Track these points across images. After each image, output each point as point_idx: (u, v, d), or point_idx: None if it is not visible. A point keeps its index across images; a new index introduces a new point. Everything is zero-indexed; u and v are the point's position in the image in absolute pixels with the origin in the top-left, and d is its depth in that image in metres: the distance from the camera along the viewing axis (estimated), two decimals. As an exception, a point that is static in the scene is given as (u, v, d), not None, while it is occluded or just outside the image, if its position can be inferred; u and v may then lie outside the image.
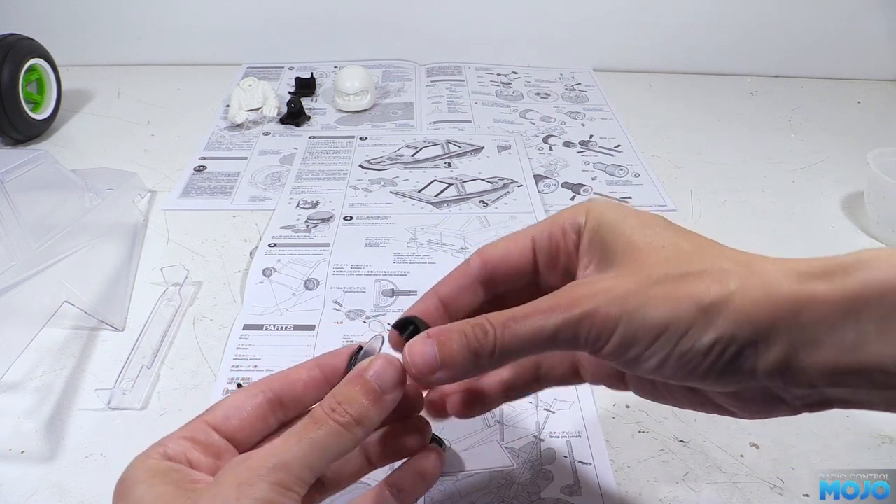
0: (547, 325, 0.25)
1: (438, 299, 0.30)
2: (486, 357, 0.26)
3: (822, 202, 0.66)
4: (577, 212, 0.28)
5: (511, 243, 0.30)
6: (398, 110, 0.82)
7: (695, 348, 0.24)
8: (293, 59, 0.94)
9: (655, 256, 0.25)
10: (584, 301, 0.25)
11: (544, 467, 0.39)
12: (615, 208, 0.28)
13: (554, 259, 0.29)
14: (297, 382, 0.30)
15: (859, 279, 0.22)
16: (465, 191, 0.65)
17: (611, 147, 0.75)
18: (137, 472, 0.26)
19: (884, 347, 0.22)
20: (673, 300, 0.24)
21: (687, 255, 0.25)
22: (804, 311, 0.22)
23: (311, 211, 0.62)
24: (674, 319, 0.24)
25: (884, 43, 0.91)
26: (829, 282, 0.22)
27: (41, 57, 0.74)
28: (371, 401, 0.26)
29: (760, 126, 0.80)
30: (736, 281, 0.23)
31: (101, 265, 0.53)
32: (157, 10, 0.90)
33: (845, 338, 0.22)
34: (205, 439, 0.27)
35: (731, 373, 0.24)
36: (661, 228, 0.26)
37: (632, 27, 0.92)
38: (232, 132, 0.76)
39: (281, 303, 0.51)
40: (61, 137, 0.76)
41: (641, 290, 0.24)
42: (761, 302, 0.23)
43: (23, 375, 0.45)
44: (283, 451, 0.25)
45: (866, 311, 0.22)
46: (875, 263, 0.22)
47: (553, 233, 0.29)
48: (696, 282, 0.24)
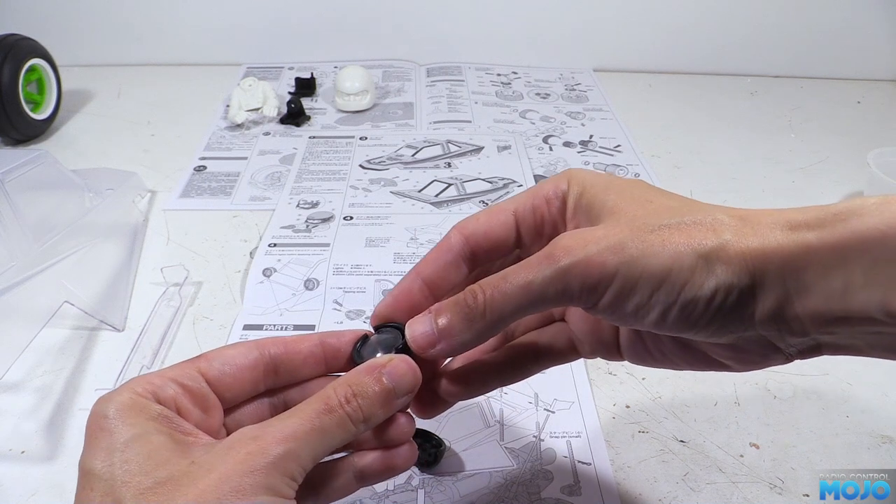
0: (535, 279, 0.24)
1: (422, 280, 0.29)
2: (478, 320, 0.25)
3: (822, 202, 0.66)
4: (558, 180, 0.28)
5: (492, 217, 0.29)
6: (398, 110, 0.82)
7: (697, 296, 0.23)
8: (293, 59, 0.94)
9: (645, 209, 0.25)
10: (575, 250, 0.24)
11: (544, 467, 0.39)
12: (595, 174, 0.28)
13: (539, 230, 0.29)
14: (297, 354, 0.29)
15: (847, 229, 0.22)
16: (465, 191, 0.65)
17: (611, 147, 0.75)
18: (124, 409, 0.23)
19: (869, 295, 0.22)
20: (672, 248, 0.23)
21: (677, 208, 0.25)
22: (796, 259, 0.23)
23: (311, 211, 0.62)
24: (675, 267, 0.23)
25: (884, 43, 0.91)
26: (819, 231, 0.22)
27: (41, 57, 0.74)
28: (382, 401, 0.26)
29: (760, 126, 0.80)
30: (730, 230, 0.23)
31: (101, 265, 0.53)
32: (157, 10, 0.90)
33: (834, 286, 0.22)
34: (197, 388, 0.26)
35: (731, 321, 0.24)
36: (646, 188, 0.27)
37: (632, 27, 0.92)
38: (232, 132, 0.76)
39: (281, 303, 0.51)
40: (61, 137, 0.76)
41: (638, 237, 0.24)
42: (756, 251, 0.23)
43: (23, 375, 0.45)
44: (295, 437, 0.23)
45: (853, 259, 0.22)
46: (863, 212, 0.22)
47: (536, 204, 0.28)
48: (692, 231, 0.24)
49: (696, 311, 0.23)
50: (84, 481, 0.22)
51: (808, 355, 0.25)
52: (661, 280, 0.23)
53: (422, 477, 0.38)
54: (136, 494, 0.21)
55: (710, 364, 0.27)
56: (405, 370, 0.27)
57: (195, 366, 0.26)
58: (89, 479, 0.22)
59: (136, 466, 0.22)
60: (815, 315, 0.23)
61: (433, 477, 0.38)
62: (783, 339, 0.24)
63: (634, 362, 0.30)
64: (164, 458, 0.22)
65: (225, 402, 0.27)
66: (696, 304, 0.23)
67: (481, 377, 0.31)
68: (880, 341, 0.23)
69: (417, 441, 0.37)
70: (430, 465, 0.38)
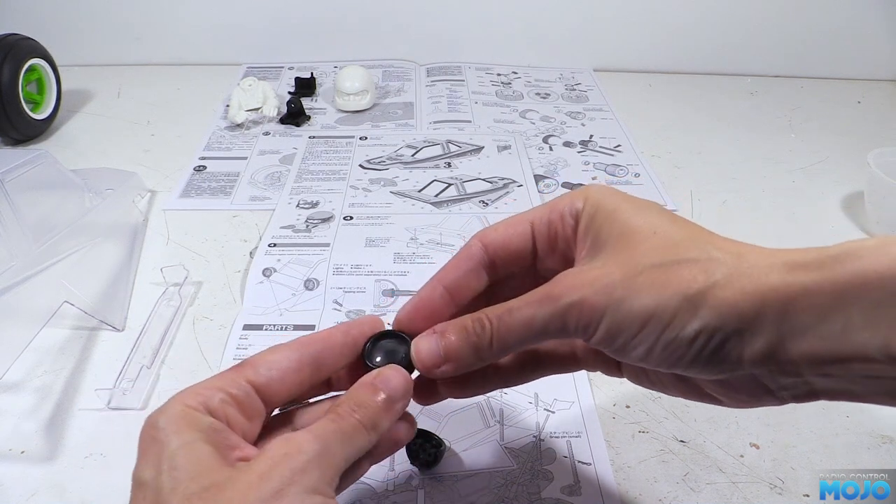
0: (537, 316, 0.26)
1: (443, 287, 0.30)
2: (486, 349, 0.27)
3: (822, 202, 0.66)
4: (574, 198, 0.29)
5: (511, 228, 0.30)
6: (398, 110, 0.82)
7: (679, 337, 0.24)
8: (293, 59, 0.94)
9: (646, 244, 0.25)
10: (572, 291, 0.25)
11: (544, 467, 0.39)
12: (612, 194, 0.28)
13: (553, 244, 0.30)
14: (333, 348, 0.29)
15: (846, 271, 0.22)
16: (465, 191, 0.65)
17: (611, 147, 0.75)
18: (175, 420, 0.24)
19: (869, 336, 0.22)
20: (658, 289, 0.24)
21: (677, 243, 0.25)
22: (792, 301, 0.23)
23: (311, 211, 0.62)
24: (658, 309, 0.24)
25: (884, 43, 0.91)
26: (817, 272, 0.23)
27: (41, 57, 0.74)
28: (383, 409, 0.27)
29: (760, 126, 0.80)
30: (723, 269, 0.24)
31: (101, 265, 0.53)
32: (156, 9, 0.90)
33: (833, 328, 0.22)
34: (245, 399, 0.26)
35: (716, 361, 0.24)
36: (655, 215, 0.27)
37: (632, 27, 0.92)
38: (232, 132, 0.76)
39: (281, 303, 0.51)
40: (61, 137, 0.76)
41: (627, 279, 0.25)
42: (748, 291, 0.23)
43: (23, 375, 0.45)
44: (325, 437, 0.25)
45: (852, 302, 0.22)
46: (861, 253, 0.22)
47: (552, 219, 0.29)
48: (682, 270, 0.24)
49: (678, 350, 0.24)
50: (136, 491, 0.23)
51: (802, 400, 0.25)
52: (644, 321, 0.24)
53: (422, 477, 0.38)
54: (182, 500, 0.22)
55: (702, 396, 0.28)
56: (398, 382, 0.28)
57: (242, 374, 0.27)
58: (141, 488, 0.23)
59: (183, 474, 0.23)
60: (811, 356, 0.23)
61: (433, 477, 0.38)
62: (775, 381, 0.25)
63: (632, 382, 0.31)
64: (210, 466, 0.23)
65: (270, 406, 0.28)
66: (679, 345, 0.24)
67: (482, 379, 0.32)
68: (879, 386, 0.23)
69: (418, 441, 0.38)
70: (430, 465, 0.38)
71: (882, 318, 0.22)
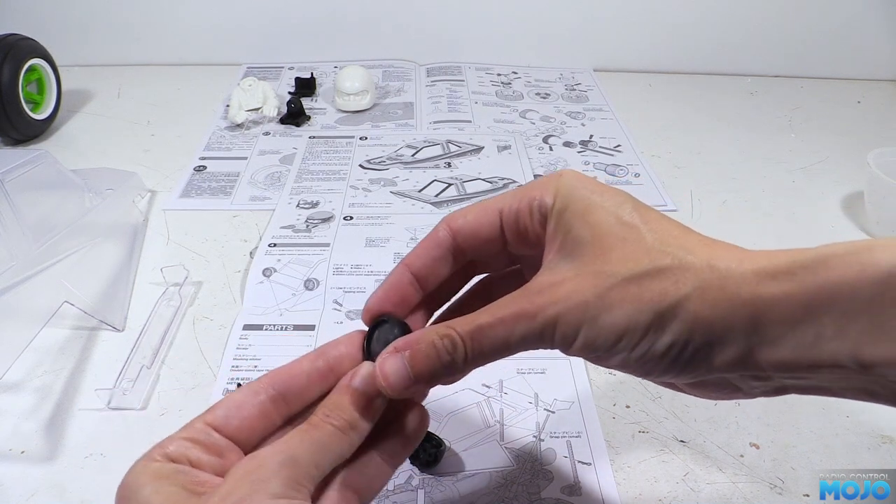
0: (514, 333, 0.26)
1: (411, 273, 0.30)
2: (459, 367, 0.27)
3: (822, 202, 0.66)
4: (544, 190, 0.28)
5: (480, 216, 0.30)
6: (398, 110, 0.82)
7: (652, 350, 0.24)
8: (293, 59, 0.94)
9: (617, 252, 0.25)
10: (547, 308, 0.25)
11: (544, 467, 0.39)
12: (582, 187, 0.27)
13: (522, 236, 0.29)
14: (299, 376, 0.29)
15: (818, 281, 0.22)
16: (465, 191, 0.65)
17: (611, 147, 0.75)
18: (140, 476, 0.25)
19: (839, 346, 0.22)
20: (630, 304, 0.24)
21: (648, 248, 0.25)
22: (762, 313, 0.23)
23: (311, 211, 0.62)
24: (630, 324, 0.24)
25: (884, 43, 0.91)
26: (788, 283, 0.23)
27: (41, 57, 0.74)
28: (361, 408, 0.27)
29: (760, 126, 0.80)
30: (693, 281, 0.24)
31: (101, 265, 0.53)
32: (156, 10, 0.90)
33: (803, 338, 0.22)
34: (205, 439, 0.27)
35: (688, 369, 0.25)
36: (627, 215, 0.26)
37: (632, 27, 0.92)
38: (232, 132, 0.76)
39: (281, 303, 0.51)
40: (61, 137, 0.76)
41: (600, 294, 0.25)
42: (719, 303, 0.23)
43: (23, 375, 0.45)
44: (290, 448, 0.25)
45: (823, 312, 0.22)
46: (832, 263, 0.22)
47: (520, 211, 0.29)
48: (653, 284, 0.24)
49: (651, 361, 0.25)
50: None
51: (772, 395, 0.26)
52: (618, 336, 0.25)
53: (422, 477, 0.38)
54: None
55: (671, 387, 0.29)
56: (371, 373, 0.28)
57: (202, 419, 0.28)
58: None
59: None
60: (782, 363, 0.23)
61: (433, 477, 0.38)
62: (745, 382, 0.25)
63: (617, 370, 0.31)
64: (178, 501, 0.24)
65: (243, 445, 0.28)
66: (652, 357, 0.25)
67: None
68: (852, 384, 0.23)
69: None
70: (430, 465, 0.38)
71: (851, 328, 0.22)
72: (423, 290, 0.31)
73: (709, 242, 0.25)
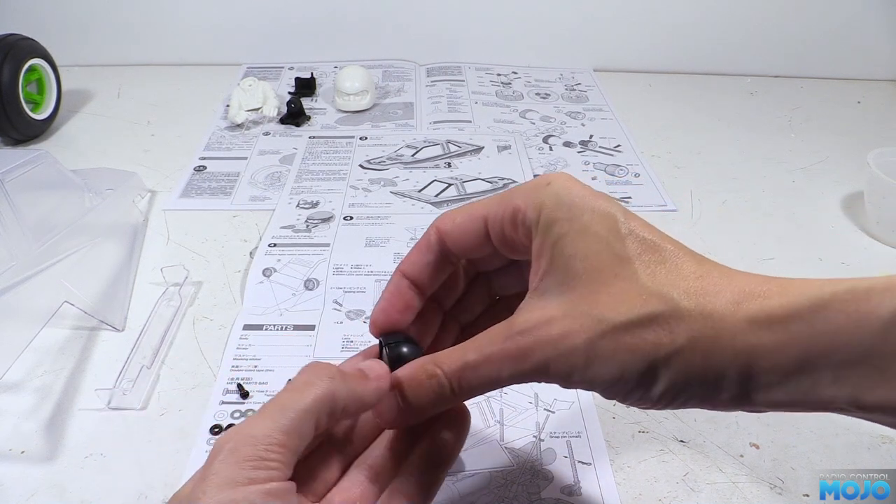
0: (501, 374, 0.26)
1: (408, 280, 0.30)
2: (450, 402, 0.27)
3: (822, 202, 0.66)
4: (528, 202, 0.27)
5: (466, 223, 0.29)
6: (398, 110, 0.82)
7: (644, 396, 0.25)
8: (293, 59, 0.94)
9: (609, 292, 0.24)
10: (536, 351, 0.25)
11: (544, 467, 0.39)
12: (571, 204, 0.26)
13: (509, 244, 0.29)
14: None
15: (816, 330, 0.22)
16: (465, 191, 0.65)
17: (611, 147, 0.75)
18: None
19: (836, 391, 0.22)
20: (622, 355, 0.24)
21: (640, 290, 0.24)
22: (756, 363, 0.23)
23: (311, 211, 0.62)
24: (623, 375, 0.24)
25: (884, 43, 0.91)
26: (783, 331, 0.22)
27: (41, 57, 0.74)
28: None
29: (760, 126, 0.80)
30: (687, 331, 0.23)
31: (101, 265, 0.53)
32: (157, 10, 0.90)
33: (800, 385, 0.22)
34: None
35: (684, 407, 0.25)
36: (619, 244, 0.25)
37: (632, 27, 0.92)
38: (232, 132, 0.76)
39: (281, 303, 0.51)
40: (61, 137, 0.76)
41: (591, 342, 0.24)
42: (712, 354, 0.23)
43: (23, 375, 0.45)
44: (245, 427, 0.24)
45: (822, 363, 0.22)
46: (831, 311, 0.22)
47: (504, 222, 0.28)
48: (647, 334, 0.24)
49: (643, 403, 0.25)
50: None
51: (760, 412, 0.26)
52: (610, 384, 0.25)
53: (422, 477, 0.38)
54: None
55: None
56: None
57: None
58: None
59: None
60: (778, 404, 0.23)
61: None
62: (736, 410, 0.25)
63: None
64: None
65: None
66: (644, 400, 0.25)
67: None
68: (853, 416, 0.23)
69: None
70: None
71: (850, 375, 0.21)
72: (423, 293, 0.31)
73: (702, 274, 0.24)
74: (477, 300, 0.33)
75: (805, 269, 0.56)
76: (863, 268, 0.57)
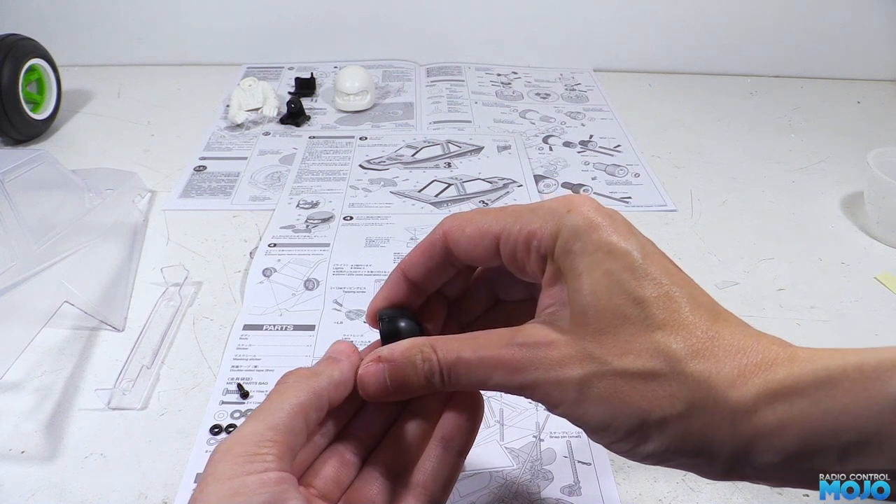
0: (490, 379, 0.26)
1: (408, 280, 0.30)
2: (436, 389, 0.27)
3: (822, 202, 0.66)
4: (546, 229, 0.26)
5: (476, 239, 0.28)
6: (398, 110, 0.82)
7: (634, 451, 0.24)
8: (293, 59, 0.94)
9: (616, 335, 0.24)
10: (528, 370, 0.25)
11: (544, 467, 0.39)
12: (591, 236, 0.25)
13: (520, 267, 0.28)
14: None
15: (819, 410, 0.21)
16: (465, 191, 0.65)
17: (611, 147, 0.75)
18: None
19: (842, 469, 0.21)
20: (615, 404, 0.23)
21: (648, 341, 0.23)
22: (756, 442, 0.22)
23: (311, 211, 0.62)
24: (613, 423, 0.23)
25: (884, 43, 0.91)
26: (787, 409, 0.21)
27: (41, 57, 0.74)
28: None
29: (760, 126, 0.80)
30: (687, 398, 0.22)
31: (101, 265, 0.53)
32: (156, 10, 0.90)
33: (800, 465, 0.22)
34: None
35: (671, 467, 0.24)
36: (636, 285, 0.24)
37: (632, 27, 0.92)
38: (232, 132, 0.76)
39: (281, 303, 0.51)
40: (61, 137, 0.76)
41: (586, 380, 0.24)
42: (710, 427, 0.22)
43: (23, 375, 0.45)
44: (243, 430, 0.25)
45: (826, 443, 0.21)
46: (840, 388, 0.21)
47: (518, 246, 0.27)
48: (645, 388, 0.23)
49: (632, 456, 0.24)
50: None
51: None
52: (600, 428, 0.24)
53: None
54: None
55: None
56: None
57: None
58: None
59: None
60: (770, 480, 0.23)
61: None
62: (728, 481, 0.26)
63: None
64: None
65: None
66: (632, 454, 0.24)
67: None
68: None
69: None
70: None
71: (854, 456, 0.21)
72: (423, 293, 0.31)
73: (713, 335, 0.23)
74: (478, 301, 0.33)
75: (805, 268, 0.56)
76: (863, 268, 0.57)
